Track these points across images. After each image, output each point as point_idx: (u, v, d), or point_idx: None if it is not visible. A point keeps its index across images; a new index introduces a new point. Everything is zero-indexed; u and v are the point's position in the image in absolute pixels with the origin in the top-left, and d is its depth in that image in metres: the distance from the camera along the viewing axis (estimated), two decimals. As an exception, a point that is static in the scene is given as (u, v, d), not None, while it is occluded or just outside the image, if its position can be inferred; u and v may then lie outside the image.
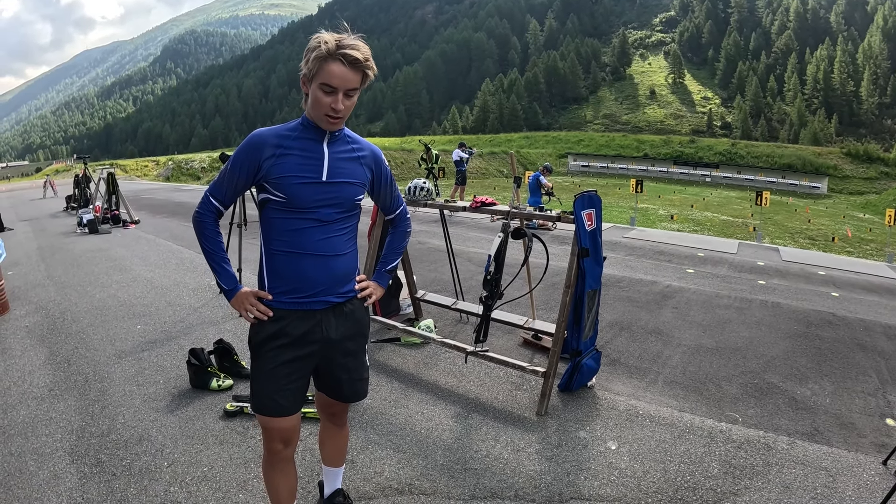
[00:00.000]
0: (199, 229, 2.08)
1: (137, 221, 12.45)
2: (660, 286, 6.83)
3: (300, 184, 1.94)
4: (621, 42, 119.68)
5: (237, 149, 1.99)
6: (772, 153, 68.51)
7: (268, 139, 1.96)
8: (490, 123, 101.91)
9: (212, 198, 2.06)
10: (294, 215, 1.96)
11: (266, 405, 2.03)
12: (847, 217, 35.62)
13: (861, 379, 4.29)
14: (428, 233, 10.44)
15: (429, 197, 4.53)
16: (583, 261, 3.58)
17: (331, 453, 2.46)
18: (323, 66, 1.83)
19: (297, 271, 2.00)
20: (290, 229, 1.98)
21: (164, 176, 38.63)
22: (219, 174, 2.06)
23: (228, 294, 2.08)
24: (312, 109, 1.93)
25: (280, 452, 2.11)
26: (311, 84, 1.89)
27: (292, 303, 2.02)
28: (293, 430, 2.12)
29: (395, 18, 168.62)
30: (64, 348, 4.70)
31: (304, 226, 1.97)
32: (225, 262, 2.08)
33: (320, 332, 2.05)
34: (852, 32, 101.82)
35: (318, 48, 1.82)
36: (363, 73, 1.91)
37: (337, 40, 1.83)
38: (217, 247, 2.08)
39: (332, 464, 2.49)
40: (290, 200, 1.94)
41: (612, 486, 2.80)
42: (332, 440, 2.44)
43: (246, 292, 2.06)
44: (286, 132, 1.98)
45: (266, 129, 2.00)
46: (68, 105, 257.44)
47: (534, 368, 3.66)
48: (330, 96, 1.87)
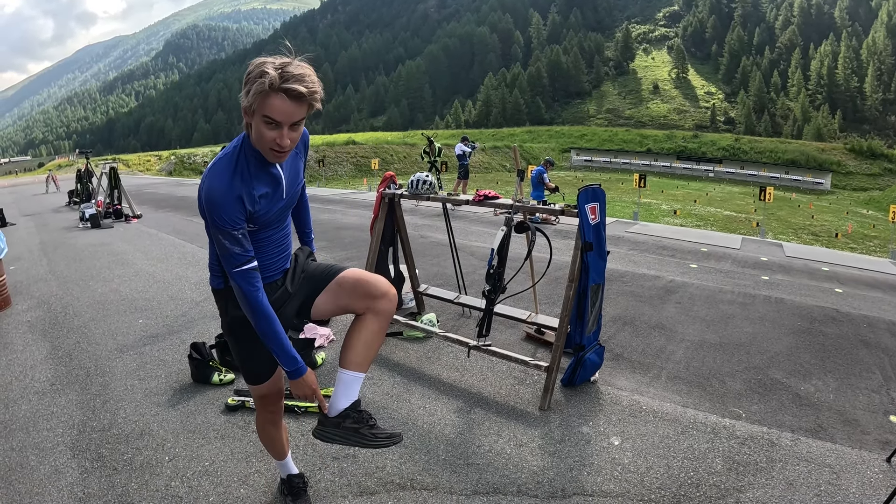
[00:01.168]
0: (256, 309, 1.90)
1: (139, 216, 12.46)
2: (663, 281, 6.80)
3: (272, 212, 1.97)
4: (625, 36, 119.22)
5: (215, 212, 1.79)
6: (775, 149, 68.21)
7: (238, 188, 1.82)
8: (493, 118, 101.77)
9: (246, 266, 1.86)
10: (258, 231, 1.97)
11: (255, 376, 2.21)
12: (850, 213, 35.49)
13: (865, 376, 4.27)
14: (430, 227, 10.42)
15: (431, 191, 4.51)
16: (586, 255, 3.55)
17: (357, 349, 2.07)
18: (265, 101, 1.69)
19: (259, 264, 2.00)
20: (254, 240, 1.95)
21: (167, 170, 38.65)
22: (224, 245, 1.83)
23: (293, 374, 1.98)
24: (257, 141, 1.80)
25: (276, 415, 2.38)
26: (253, 116, 1.75)
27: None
28: (282, 395, 2.38)
29: (398, 12, 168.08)
30: (65, 343, 4.70)
31: (266, 235, 2.02)
32: (287, 341, 1.95)
33: (284, 292, 2.13)
34: (856, 28, 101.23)
35: (260, 81, 1.66)
36: (308, 104, 1.76)
37: (280, 71, 1.67)
38: (279, 326, 1.93)
39: (356, 367, 2.08)
40: (257, 227, 1.96)
41: (615, 482, 2.79)
42: (363, 331, 2.08)
43: (312, 377, 2.03)
44: (243, 170, 1.84)
45: (228, 180, 1.81)
46: (70, 100, 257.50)
47: (537, 363, 3.65)
48: (274, 130, 1.74)
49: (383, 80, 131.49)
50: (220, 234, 1.82)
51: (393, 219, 4.84)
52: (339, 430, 2.05)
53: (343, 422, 2.05)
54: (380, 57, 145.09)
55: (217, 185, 1.80)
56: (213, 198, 1.79)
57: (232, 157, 1.85)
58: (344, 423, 2.05)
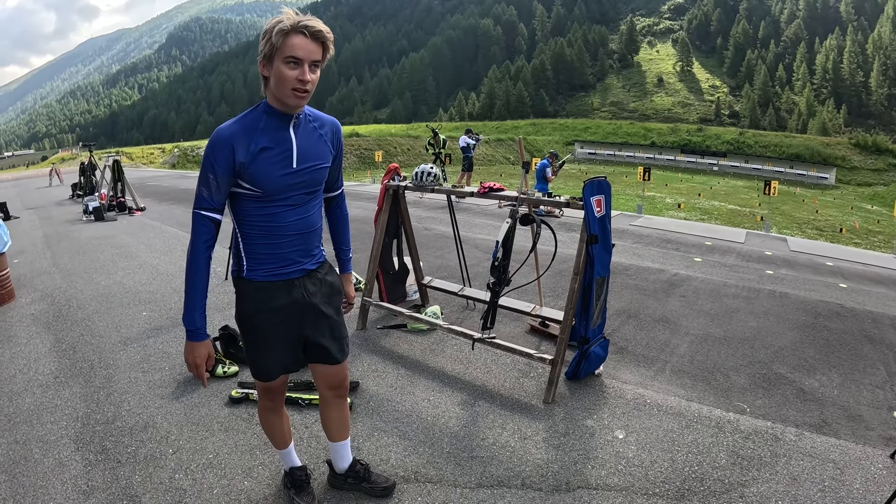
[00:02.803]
0: (190, 259, 1.98)
1: (143, 208, 12.46)
2: (667, 274, 6.78)
3: (274, 176, 1.97)
4: (629, 29, 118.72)
5: (207, 151, 1.92)
6: (780, 143, 67.90)
7: (236, 135, 1.92)
8: (497, 110, 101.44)
9: (205, 212, 1.96)
10: (267, 203, 2.01)
11: (262, 373, 2.23)
12: (855, 208, 35.37)
13: (869, 371, 4.25)
14: (435, 219, 10.41)
15: (436, 182, 4.49)
16: (592, 248, 3.53)
17: (339, 427, 2.50)
18: (286, 41, 1.83)
19: (273, 251, 2.07)
20: (264, 214, 2.02)
21: (170, 163, 38.67)
22: (199, 185, 1.96)
23: (188, 335, 2.01)
24: (277, 88, 1.90)
25: (277, 403, 2.40)
26: (272, 63, 1.87)
27: (272, 275, 2.09)
28: (285, 386, 2.40)
29: (402, 5, 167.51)
30: (69, 335, 4.71)
31: (278, 210, 2.03)
32: (202, 302, 2.01)
33: (302, 298, 2.15)
34: (862, 22, 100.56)
35: (279, 23, 1.83)
36: (323, 45, 1.90)
37: (295, 16, 1.86)
38: (202, 283, 2.00)
39: (341, 437, 2.53)
40: (263, 193, 1.97)
41: (619, 476, 2.78)
42: (339, 413, 2.48)
43: (207, 347, 2.05)
44: (251, 123, 1.95)
45: (231, 125, 1.94)
46: (73, 93, 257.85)
47: (541, 356, 3.64)
48: (296, 69, 1.86)
49: (387, 73, 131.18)
50: (201, 173, 1.94)
51: (397, 211, 4.82)
52: (346, 484, 2.60)
53: (346, 480, 2.60)
54: (383, 49, 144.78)
55: (218, 130, 1.93)
56: (211, 139, 1.92)
57: (245, 113, 1.99)
58: (347, 480, 2.60)
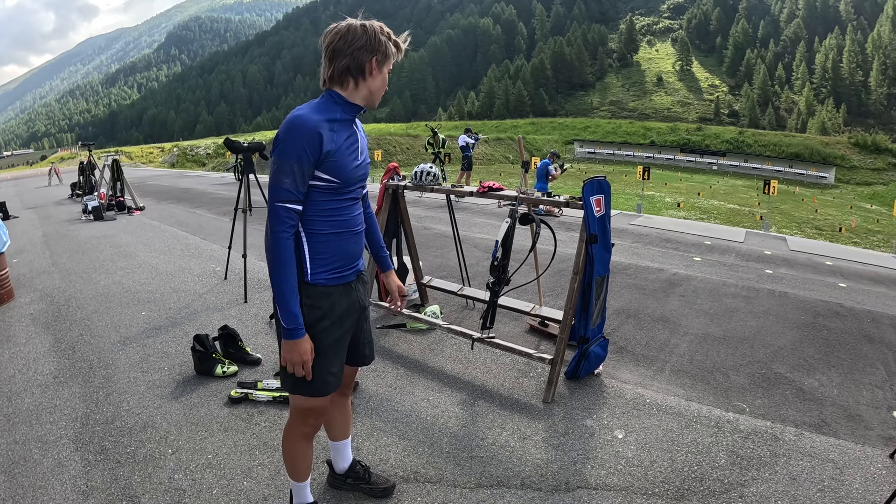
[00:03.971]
0: (279, 253, 1.88)
1: (142, 208, 12.45)
2: (667, 274, 6.78)
3: (349, 167, 1.99)
4: (628, 28, 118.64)
5: (289, 137, 1.83)
6: (779, 142, 67.97)
7: (321, 124, 1.88)
8: (496, 109, 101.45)
9: (289, 205, 1.87)
10: (337, 196, 2.00)
11: (319, 388, 2.07)
12: (854, 207, 35.39)
13: (868, 371, 4.25)
14: (434, 218, 10.40)
15: (435, 182, 4.49)
16: (591, 247, 3.53)
17: (342, 425, 2.50)
18: (395, 54, 2.03)
19: (340, 249, 2.05)
20: (333, 209, 2.01)
21: (170, 162, 38.68)
22: (279, 176, 1.85)
23: (289, 333, 1.92)
24: (376, 91, 2.01)
25: (316, 424, 2.21)
26: (382, 67, 1.99)
27: (336, 278, 2.06)
28: (329, 407, 2.26)
29: (401, 3, 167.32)
30: (69, 335, 4.70)
31: (345, 204, 2.04)
32: (298, 298, 1.93)
33: (358, 302, 2.16)
34: (862, 22, 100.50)
35: (394, 47, 2.01)
36: None
37: (389, 34, 2.02)
38: (294, 279, 1.92)
39: (343, 436, 2.53)
40: (339, 185, 1.97)
41: (618, 476, 2.78)
42: (343, 411, 2.47)
43: (309, 342, 1.98)
44: (330, 114, 1.93)
45: (313, 112, 1.89)
46: (73, 93, 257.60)
47: (540, 355, 3.64)
48: (385, 78, 2.04)
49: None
50: (281, 163, 1.85)
51: (396, 210, 4.82)
52: (346, 484, 2.59)
53: (346, 480, 2.58)
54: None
55: (302, 114, 1.88)
56: (294, 123, 1.85)
57: (320, 102, 1.97)
58: (347, 481, 2.58)
